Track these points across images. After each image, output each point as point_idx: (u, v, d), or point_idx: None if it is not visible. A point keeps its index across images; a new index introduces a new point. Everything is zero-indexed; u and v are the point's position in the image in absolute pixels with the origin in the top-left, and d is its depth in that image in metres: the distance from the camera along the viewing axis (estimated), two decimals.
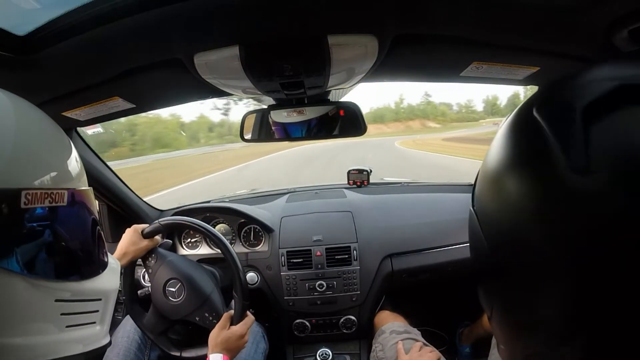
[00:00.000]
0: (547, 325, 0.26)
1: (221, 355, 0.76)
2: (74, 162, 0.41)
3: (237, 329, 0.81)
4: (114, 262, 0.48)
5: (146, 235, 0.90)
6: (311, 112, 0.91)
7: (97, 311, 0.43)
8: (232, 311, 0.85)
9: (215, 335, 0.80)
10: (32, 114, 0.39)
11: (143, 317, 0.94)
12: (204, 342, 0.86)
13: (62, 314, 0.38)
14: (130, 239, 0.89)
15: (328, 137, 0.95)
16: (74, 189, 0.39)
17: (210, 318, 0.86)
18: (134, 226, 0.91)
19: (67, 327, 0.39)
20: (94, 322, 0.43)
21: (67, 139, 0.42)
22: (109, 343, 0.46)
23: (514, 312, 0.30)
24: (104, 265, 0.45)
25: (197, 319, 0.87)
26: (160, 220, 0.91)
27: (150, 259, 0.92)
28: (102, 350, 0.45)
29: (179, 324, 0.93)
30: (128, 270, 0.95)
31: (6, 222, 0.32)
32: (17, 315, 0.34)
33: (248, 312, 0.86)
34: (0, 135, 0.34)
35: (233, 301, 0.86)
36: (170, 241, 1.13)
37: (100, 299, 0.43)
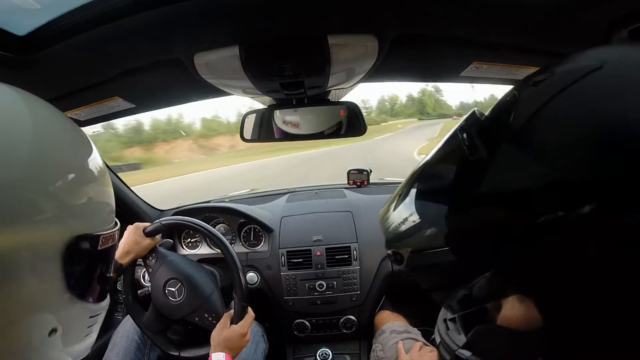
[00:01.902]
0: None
1: (223, 354, 0.75)
2: (96, 160, 0.40)
3: (238, 328, 0.81)
4: None
5: (148, 234, 0.90)
6: (312, 113, 0.91)
7: (97, 323, 0.46)
8: (232, 311, 0.85)
9: (217, 334, 0.79)
10: (48, 111, 0.38)
11: (142, 316, 0.94)
12: (202, 343, 0.86)
13: (87, 327, 0.43)
14: (133, 237, 0.88)
15: (328, 137, 0.95)
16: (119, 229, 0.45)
17: (210, 319, 0.86)
18: (136, 224, 0.90)
19: (84, 336, 0.43)
20: (93, 333, 0.46)
21: (86, 136, 0.41)
22: (88, 356, 0.48)
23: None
24: None
25: (196, 319, 0.87)
26: (161, 219, 0.91)
27: (150, 258, 0.92)
28: None
29: (178, 323, 0.93)
30: (129, 269, 0.94)
31: (86, 260, 0.38)
32: (66, 332, 0.38)
33: (249, 309, 0.85)
34: (17, 135, 0.32)
35: (233, 302, 0.86)
36: (171, 240, 1.13)
37: (101, 312, 0.46)
